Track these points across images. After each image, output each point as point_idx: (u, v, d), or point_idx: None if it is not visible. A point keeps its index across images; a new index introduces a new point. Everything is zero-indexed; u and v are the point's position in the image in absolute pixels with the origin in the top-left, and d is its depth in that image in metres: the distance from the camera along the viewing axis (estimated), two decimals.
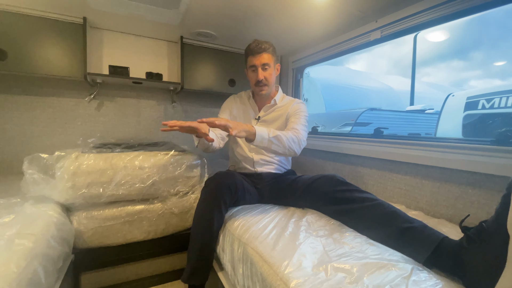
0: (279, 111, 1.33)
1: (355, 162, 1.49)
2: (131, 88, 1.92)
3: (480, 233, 0.61)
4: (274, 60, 1.28)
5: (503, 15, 4.81)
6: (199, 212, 1.05)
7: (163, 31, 1.77)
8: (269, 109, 1.34)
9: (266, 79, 1.25)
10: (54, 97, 1.69)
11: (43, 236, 0.81)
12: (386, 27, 1.28)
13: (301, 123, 1.22)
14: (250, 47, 1.24)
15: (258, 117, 1.35)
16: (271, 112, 1.34)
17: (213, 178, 1.09)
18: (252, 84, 1.29)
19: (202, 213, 1.04)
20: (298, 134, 1.14)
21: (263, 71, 1.24)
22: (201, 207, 1.05)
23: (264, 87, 1.26)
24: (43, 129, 1.68)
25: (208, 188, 1.06)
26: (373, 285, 0.59)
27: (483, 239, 0.60)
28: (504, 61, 6.13)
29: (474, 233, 0.62)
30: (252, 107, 1.38)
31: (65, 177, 1.03)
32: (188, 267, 1.03)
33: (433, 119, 3.90)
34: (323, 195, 1.04)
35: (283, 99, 1.37)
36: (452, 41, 10.61)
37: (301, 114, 1.26)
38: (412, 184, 1.20)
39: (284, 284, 0.63)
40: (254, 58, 1.23)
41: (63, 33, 1.49)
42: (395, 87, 5.52)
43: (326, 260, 0.70)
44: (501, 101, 2.29)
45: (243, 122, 1.27)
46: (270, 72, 1.26)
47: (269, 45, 1.24)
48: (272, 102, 1.33)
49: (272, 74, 1.27)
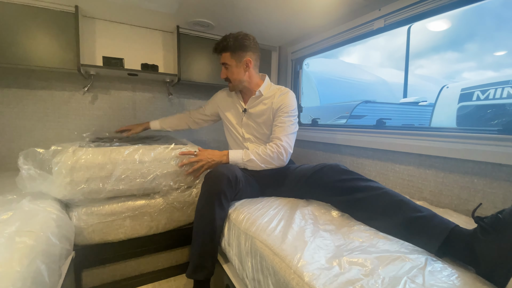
0: (265, 103, 1.29)
1: (356, 153, 1.49)
2: (126, 80, 1.86)
3: (495, 224, 0.61)
4: (238, 56, 1.24)
5: (499, 5, 4.85)
6: (200, 206, 1.03)
7: (158, 21, 1.70)
8: (255, 101, 1.32)
9: (228, 78, 1.28)
10: (46, 90, 1.62)
11: (44, 233, 0.78)
12: (390, 15, 1.25)
13: (285, 132, 1.22)
14: (214, 46, 1.28)
15: (244, 109, 1.34)
16: (258, 104, 1.31)
17: (212, 171, 1.07)
18: None
19: (203, 207, 1.02)
20: (278, 148, 1.18)
21: (225, 69, 1.28)
22: (202, 201, 1.03)
23: (229, 84, 1.31)
24: (35, 124, 1.62)
25: (208, 182, 1.04)
26: (389, 277, 0.59)
27: (499, 230, 0.60)
28: (499, 52, 6.22)
29: (489, 224, 0.62)
30: (238, 99, 1.38)
31: (62, 172, 0.99)
32: (192, 262, 1.01)
33: (427, 111, 3.95)
34: (326, 185, 1.03)
35: (270, 88, 1.33)
36: (447, 32, 10.70)
37: (285, 115, 1.24)
38: (415, 174, 1.20)
39: (298, 277, 0.62)
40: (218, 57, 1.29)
41: (54, 22, 1.41)
42: (389, 80, 5.55)
43: (338, 254, 0.69)
44: (496, 92, 2.31)
45: (231, 114, 1.41)
46: (232, 70, 1.26)
47: (227, 42, 1.22)
48: (257, 94, 1.30)
49: (234, 72, 1.26)
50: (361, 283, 0.57)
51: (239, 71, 1.26)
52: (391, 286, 0.56)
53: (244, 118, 1.34)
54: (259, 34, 1.87)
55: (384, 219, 0.84)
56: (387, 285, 0.56)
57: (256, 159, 1.17)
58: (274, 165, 1.20)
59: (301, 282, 0.60)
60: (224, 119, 1.46)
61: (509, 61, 6.09)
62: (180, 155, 1.22)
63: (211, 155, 1.20)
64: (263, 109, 1.29)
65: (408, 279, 0.57)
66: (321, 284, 0.58)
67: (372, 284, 0.56)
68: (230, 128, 1.42)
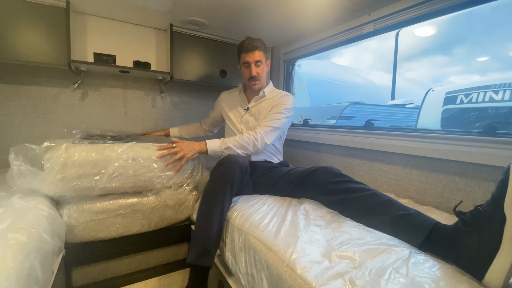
0: (267, 102, 1.42)
1: (346, 153, 1.53)
2: (117, 77, 1.84)
3: (476, 216, 0.65)
4: (265, 57, 1.39)
5: (489, 11, 5.05)
6: (213, 187, 1.02)
7: (151, 18, 1.70)
8: (258, 100, 1.44)
9: (259, 75, 1.36)
10: (35, 86, 1.59)
11: (36, 230, 0.78)
12: (379, 20, 1.30)
13: (269, 124, 1.32)
14: (244, 44, 1.34)
15: (247, 107, 1.45)
16: (260, 103, 1.43)
17: (226, 157, 1.11)
18: (246, 79, 1.40)
19: (216, 188, 1.01)
20: (255, 135, 1.26)
21: (256, 67, 1.35)
22: (214, 183, 1.02)
23: (256, 81, 1.37)
24: (22, 120, 1.58)
25: (223, 166, 1.05)
26: (375, 269, 0.62)
27: (479, 223, 0.64)
28: (486, 57, 6.48)
29: (470, 217, 0.66)
30: (242, 99, 1.49)
31: (55, 168, 0.98)
32: (195, 247, 0.94)
33: (413, 113, 4.07)
34: (319, 185, 1.07)
35: (272, 92, 1.47)
36: (436, 36, 10.99)
37: (281, 108, 1.36)
38: (401, 173, 1.25)
39: (291, 270, 0.64)
40: (247, 55, 1.33)
41: (45, 17, 1.39)
42: (378, 83, 5.69)
43: (329, 249, 0.72)
44: (478, 96, 2.42)
45: (233, 113, 1.49)
46: (262, 68, 1.37)
47: (261, 43, 1.35)
48: (261, 94, 1.43)
49: (264, 70, 1.39)
50: (350, 275, 0.60)
51: (265, 70, 1.40)
52: (377, 276, 0.59)
53: (245, 115, 1.44)
54: (252, 35, 1.89)
55: (373, 217, 0.88)
56: (374, 275, 0.59)
57: (233, 146, 1.23)
58: (249, 151, 1.26)
59: (294, 275, 0.63)
60: (225, 117, 1.54)
61: (494, 66, 6.35)
62: (158, 150, 1.21)
63: (190, 145, 1.23)
64: (264, 107, 1.41)
65: (393, 270, 0.61)
66: (312, 277, 0.60)
67: (360, 276, 0.60)
68: (230, 126, 1.48)
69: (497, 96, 2.31)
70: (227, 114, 1.52)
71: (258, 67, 1.35)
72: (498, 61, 6.89)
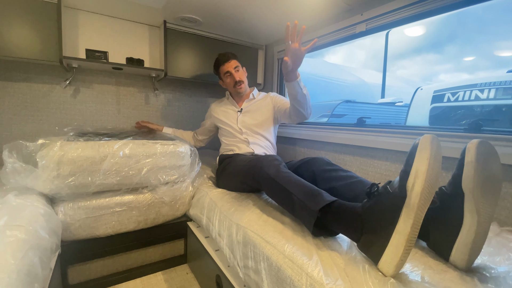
0: (259, 103, 1.54)
1: (338, 150, 1.57)
2: (110, 74, 1.82)
3: (441, 197, 0.68)
4: (240, 64, 1.51)
5: (481, 9, 5.18)
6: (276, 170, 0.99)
7: (144, 15, 1.68)
8: (250, 102, 1.55)
9: (241, 79, 1.47)
10: (25, 82, 1.56)
11: (33, 227, 0.77)
12: (371, 20, 1.33)
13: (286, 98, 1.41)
14: (219, 59, 1.49)
15: (240, 109, 1.53)
16: (252, 104, 1.54)
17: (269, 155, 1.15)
18: (231, 87, 1.50)
19: (280, 167, 1.00)
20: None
21: (237, 72, 1.47)
22: (276, 167, 1.00)
23: (242, 85, 1.48)
24: (12, 117, 1.55)
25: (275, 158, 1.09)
26: None
27: (444, 202, 0.67)
28: (475, 56, 6.62)
29: (437, 198, 0.69)
30: (232, 103, 1.57)
31: (50, 166, 0.98)
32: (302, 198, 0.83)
33: (402, 111, 4.17)
34: (311, 174, 1.11)
35: (260, 95, 1.59)
36: (428, 34, 11.13)
37: (280, 96, 1.55)
38: (392, 169, 1.29)
39: (290, 261, 0.67)
40: (225, 65, 1.47)
41: (36, 12, 1.36)
42: (369, 81, 5.78)
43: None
44: (465, 94, 2.50)
45: (226, 117, 1.56)
46: (242, 72, 1.50)
47: (232, 54, 1.49)
48: (251, 97, 1.55)
49: (243, 74, 1.51)
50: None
51: (245, 74, 1.52)
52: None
53: (240, 116, 1.51)
54: (246, 33, 1.90)
55: (360, 201, 0.92)
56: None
57: (306, 93, 1.30)
58: (308, 111, 1.40)
59: (292, 265, 0.65)
60: (218, 123, 1.57)
61: (482, 64, 6.51)
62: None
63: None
64: (259, 105, 1.52)
65: None
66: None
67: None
68: (226, 128, 1.52)
69: (482, 95, 2.39)
70: (220, 119, 1.55)
71: (238, 71, 1.47)
72: (487, 59, 7.08)
